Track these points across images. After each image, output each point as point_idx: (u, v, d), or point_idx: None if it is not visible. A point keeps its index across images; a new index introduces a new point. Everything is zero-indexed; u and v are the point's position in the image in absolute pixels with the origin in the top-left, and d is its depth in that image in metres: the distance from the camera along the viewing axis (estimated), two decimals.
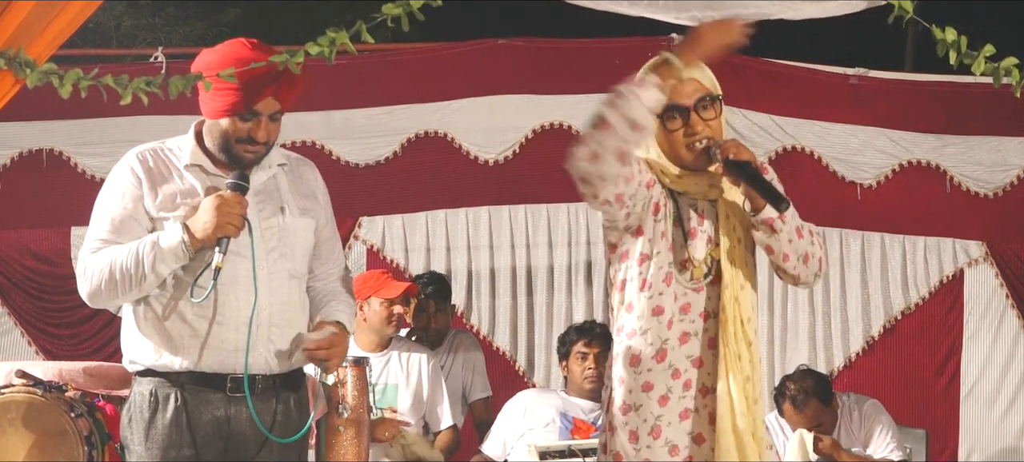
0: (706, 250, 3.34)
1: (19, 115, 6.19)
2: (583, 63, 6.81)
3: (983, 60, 3.81)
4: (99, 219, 3.45)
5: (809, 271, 3.37)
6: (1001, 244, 6.81)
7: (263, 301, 3.42)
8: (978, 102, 6.63)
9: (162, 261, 3.33)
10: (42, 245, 6.75)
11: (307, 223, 3.57)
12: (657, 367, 3.32)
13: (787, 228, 3.28)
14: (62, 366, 4.93)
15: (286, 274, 3.49)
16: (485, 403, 6.09)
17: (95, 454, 4.57)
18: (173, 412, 3.40)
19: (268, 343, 3.45)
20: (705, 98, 3.33)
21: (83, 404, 4.72)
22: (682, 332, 3.32)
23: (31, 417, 4.47)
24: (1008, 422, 6.79)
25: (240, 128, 3.44)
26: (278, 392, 3.50)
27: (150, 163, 3.47)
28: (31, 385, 4.62)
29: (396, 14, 3.78)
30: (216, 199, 3.35)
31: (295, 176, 3.61)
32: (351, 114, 6.71)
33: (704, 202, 3.36)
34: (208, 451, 3.41)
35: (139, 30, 11.96)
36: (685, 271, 3.31)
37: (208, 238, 3.33)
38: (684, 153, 3.32)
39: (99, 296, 3.41)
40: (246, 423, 3.43)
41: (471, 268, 6.80)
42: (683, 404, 3.32)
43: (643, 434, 3.32)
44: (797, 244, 3.32)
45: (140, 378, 3.48)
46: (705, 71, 3.37)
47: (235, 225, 3.34)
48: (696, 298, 3.32)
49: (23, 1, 3.75)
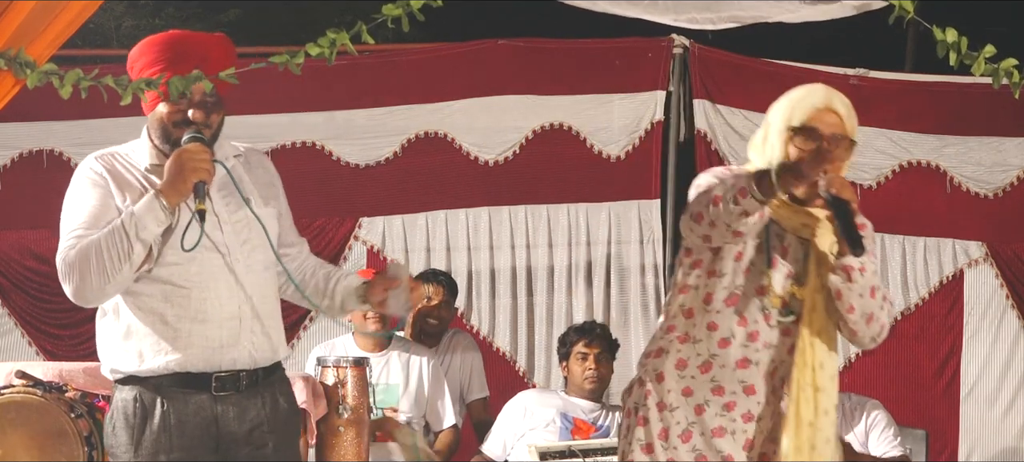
0: (786, 286, 3.34)
1: (19, 116, 6.19)
2: (583, 63, 6.81)
3: (983, 61, 3.81)
4: (71, 218, 3.38)
5: (868, 333, 3.36)
6: (1001, 244, 6.81)
7: (244, 294, 3.40)
8: (978, 102, 6.63)
9: (144, 227, 3.26)
10: (42, 246, 6.73)
11: (272, 211, 3.53)
12: (701, 377, 3.35)
13: (862, 282, 3.29)
14: (62, 366, 4.93)
15: (261, 265, 3.46)
16: (483, 403, 6.09)
17: (95, 454, 4.57)
18: (160, 417, 3.35)
19: (251, 336, 3.42)
20: (841, 137, 3.33)
21: (83, 404, 4.72)
22: (743, 357, 3.33)
23: (31, 417, 4.48)
24: (1008, 422, 6.79)
25: (174, 110, 3.41)
26: (265, 386, 3.46)
27: (111, 166, 3.44)
28: (31, 385, 4.62)
29: (396, 14, 3.78)
30: (177, 153, 3.31)
31: (251, 165, 3.58)
32: (351, 114, 6.71)
33: (793, 238, 3.37)
34: (198, 453, 3.37)
35: (139, 31, 11.94)
36: (763, 297, 3.33)
37: (184, 190, 3.28)
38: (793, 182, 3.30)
39: (87, 287, 3.30)
40: (235, 422, 3.40)
41: (471, 268, 6.80)
42: (719, 421, 3.34)
43: (673, 435, 3.35)
44: (866, 301, 3.31)
45: (122, 386, 3.41)
46: (852, 114, 3.38)
47: (205, 168, 3.29)
48: (766, 328, 3.33)
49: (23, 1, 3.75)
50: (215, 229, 3.38)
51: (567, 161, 6.79)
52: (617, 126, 6.74)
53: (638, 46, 6.78)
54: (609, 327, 6.15)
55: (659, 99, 6.74)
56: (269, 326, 3.47)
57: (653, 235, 6.76)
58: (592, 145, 6.77)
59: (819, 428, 3.31)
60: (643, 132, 6.75)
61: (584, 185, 6.80)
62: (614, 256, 6.79)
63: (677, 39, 6.69)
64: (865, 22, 6.08)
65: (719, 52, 6.75)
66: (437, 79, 6.77)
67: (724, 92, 6.76)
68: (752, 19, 6.16)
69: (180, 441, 3.36)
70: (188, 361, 3.36)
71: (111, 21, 11.57)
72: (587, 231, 6.80)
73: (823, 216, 3.32)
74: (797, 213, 3.35)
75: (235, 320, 3.39)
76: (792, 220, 3.35)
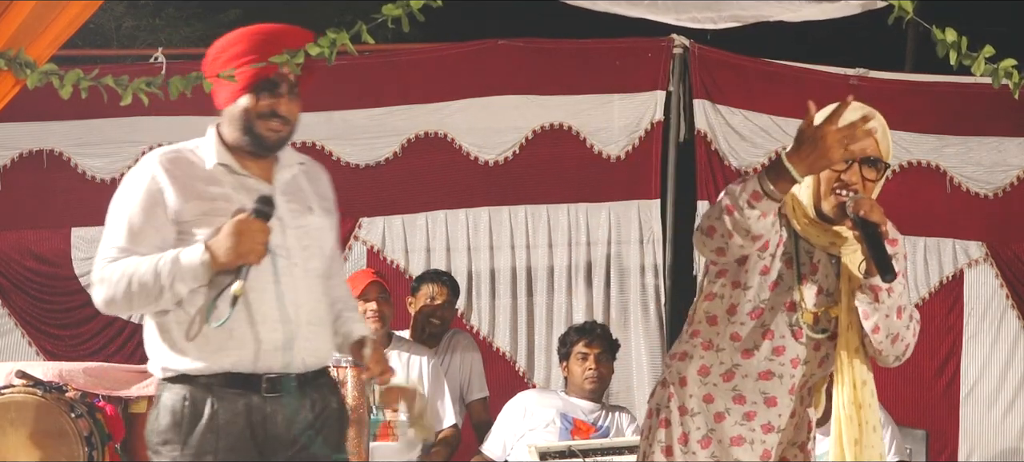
0: (819, 302, 3.32)
1: (20, 115, 6.20)
2: (583, 63, 6.81)
3: (983, 61, 3.82)
4: (116, 225, 3.36)
5: (893, 352, 3.34)
6: (1001, 245, 6.81)
7: (299, 299, 3.39)
8: (978, 102, 6.63)
9: (181, 280, 3.26)
10: (42, 246, 6.74)
11: (331, 222, 3.55)
12: (722, 385, 3.35)
13: (890, 302, 3.25)
14: (62, 366, 4.93)
15: (317, 272, 3.46)
16: (483, 403, 6.09)
17: (95, 454, 4.57)
18: (208, 417, 3.33)
19: (304, 341, 3.40)
20: (873, 160, 3.26)
21: (83, 404, 4.73)
22: (766, 369, 3.33)
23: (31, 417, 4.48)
24: (1008, 423, 6.79)
25: (261, 104, 3.40)
26: (314, 389, 3.45)
27: (173, 167, 3.38)
28: (31, 385, 4.63)
29: (396, 15, 3.79)
30: (240, 224, 3.28)
31: (312, 177, 3.58)
32: (351, 115, 6.71)
33: (822, 255, 3.34)
34: (243, 454, 3.36)
35: (139, 31, 11.95)
36: (793, 313, 3.31)
37: (230, 264, 3.27)
38: (829, 197, 3.27)
39: (114, 306, 3.35)
40: (282, 425, 3.38)
41: (471, 269, 6.80)
42: (738, 430, 3.35)
43: (693, 440, 3.36)
44: (892, 322, 3.28)
45: (171, 384, 3.38)
46: (887, 135, 3.30)
47: (257, 253, 3.28)
48: (793, 343, 3.31)
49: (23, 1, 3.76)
50: (279, 232, 3.37)
51: (567, 161, 6.79)
52: (617, 126, 6.74)
53: (638, 46, 6.78)
54: (609, 327, 6.15)
55: (659, 99, 6.74)
56: (323, 332, 3.47)
57: (653, 235, 6.76)
58: (592, 145, 6.77)
59: (867, 445, 3.31)
60: (643, 132, 6.75)
61: (584, 185, 6.80)
62: (614, 256, 6.79)
63: (677, 39, 6.69)
64: (865, 22, 6.08)
65: (719, 52, 6.75)
66: (437, 79, 6.77)
67: (724, 92, 6.76)
68: (754, 18, 6.16)
69: (227, 442, 3.34)
70: (240, 362, 3.34)
71: (111, 21, 11.57)
72: (587, 231, 6.80)
73: (851, 235, 3.29)
74: (826, 232, 3.32)
75: (290, 324, 3.37)
76: (821, 239, 3.32)
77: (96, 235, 6.68)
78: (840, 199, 3.25)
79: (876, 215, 3.18)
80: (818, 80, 6.81)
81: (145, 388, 4.91)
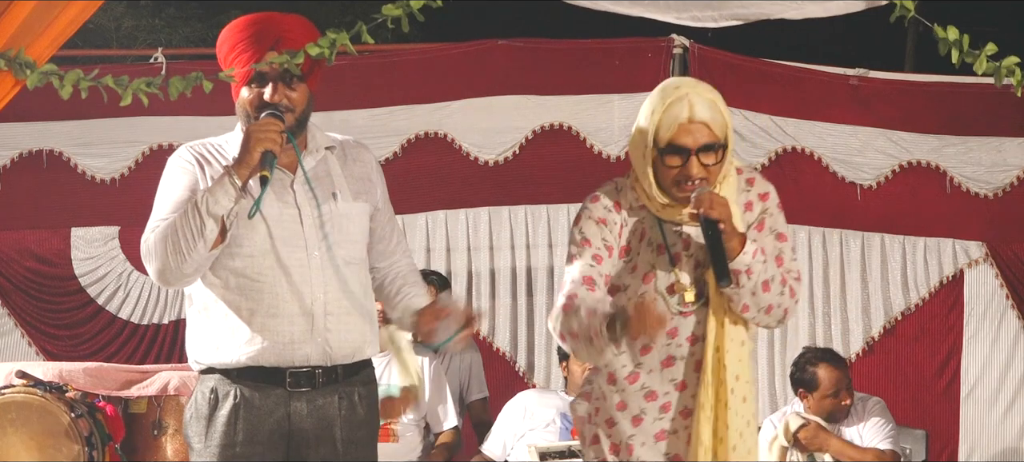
0: (696, 274, 3.29)
1: (19, 116, 6.20)
2: (583, 63, 6.81)
3: (985, 59, 3.81)
4: (160, 204, 3.38)
5: (768, 320, 3.30)
6: (1001, 245, 6.80)
7: (317, 290, 3.37)
8: (978, 102, 6.63)
9: (215, 201, 3.25)
10: (42, 246, 6.75)
11: (361, 207, 3.50)
12: (630, 388, 3.32)
13: (750, 285, 3.22)
14: (62, 367, 4.94)
15: (342, 261, 3.42)
16: (482, 404, 6.09)
17: (95, 454, 4.58)
18: (230, 409, 3.34)
19: (326, 333, 3.38)
20: (710, 146, 3.25)
21: (83, 404, 4.73)
22: (667, 355, 3.30)
23: (31, 417, 4.49)
24: (1008, 423, 6.79)
25: (254, 94, 3.41)
26: (345, 385, 3.43)
27: (202, 155, 3.43)
28: (31, 385, 4.63)
29: (396, 15, 3.79)
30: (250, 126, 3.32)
31: (349, 159, 3.55)
32: (351, 115, 6.70)
33: (691, 226, 3.30)
34: (267, 448, 3.36)
35: (139, 31, 11.96)
36: (674, 295, 3.28)
37: (250, 160, 3.27)
38: (674, 191, 3.26)
39: (166, 268, 3.29)
40: (307, 419, 3.37)
41: (471, 269, 6.80)
42: (659, 426, 3.31)
43: (622, 450, 3.34)
44: (760, 297, 3.25)
45: (204, 376, 3.42)
46: (718, 113, 3.28)
47: (271, 138, 3.28)
48: (683, 322, 3.28)
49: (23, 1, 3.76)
50: (295, 222, 3.37)
51: (567, 161, 6.78)
52: (617, 126, 6.74)
53: (638, 46, 6.78)
54: None
55: None
56: (350, 323, 3.42)
57: None
58: (592, 145, 6.77)
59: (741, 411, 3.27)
60: None
61: (584, 185, 6.75)
62: None
63: (677, 39, 6.68)
64: (865, 22, 6.08)
65: (719, 52, 6.75)
66: (437, 79, 6.77)
67: (724, 92, 6.68)
68: (755, 17, 6.15)
69: (250, 434, 3.34)
70: (261, 355, 3.35)
71: (111, 21, 11.58)
72: None
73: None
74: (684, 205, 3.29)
75: (307, 316, 3.36)
76: (682, 216, 3.29)
77: (96, 235, 6.79)
78: (685, 192, 3.22)
79: (717, 211, 3.16)
80: (818, 80, 6.82)
81: (145, 388, 4.92)
